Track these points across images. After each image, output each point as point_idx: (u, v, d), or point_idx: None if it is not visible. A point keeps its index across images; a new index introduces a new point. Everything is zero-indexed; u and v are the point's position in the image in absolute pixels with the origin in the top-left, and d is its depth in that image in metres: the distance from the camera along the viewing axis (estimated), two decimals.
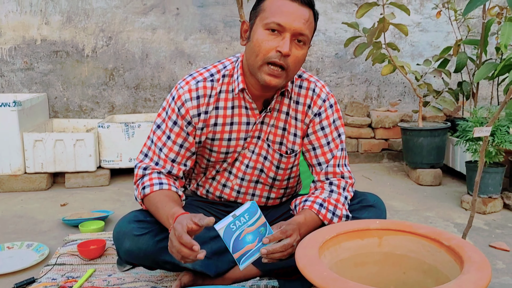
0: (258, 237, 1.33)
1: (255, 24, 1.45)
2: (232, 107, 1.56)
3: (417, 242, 1.34)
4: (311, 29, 1.45)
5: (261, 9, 1.44)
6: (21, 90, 3.46)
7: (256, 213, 1.34)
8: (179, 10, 3.55)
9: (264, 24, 1.40)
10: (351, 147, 3.68)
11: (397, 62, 3.13)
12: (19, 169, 2.90)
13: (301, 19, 1.39)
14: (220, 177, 1.70)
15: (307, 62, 3.73)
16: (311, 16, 1.44)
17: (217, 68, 1.58)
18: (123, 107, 3.59)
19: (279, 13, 1.39)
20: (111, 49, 3.52)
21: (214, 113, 1.55)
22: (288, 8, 1.39)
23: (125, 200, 2.74)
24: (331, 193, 1.60)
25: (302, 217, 1.51)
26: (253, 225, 1.33)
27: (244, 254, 1.32)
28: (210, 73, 1.56)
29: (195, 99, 1.53)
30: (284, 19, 1.38)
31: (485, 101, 3.81)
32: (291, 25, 1.38)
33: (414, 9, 3.72)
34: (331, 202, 1.56)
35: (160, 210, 1.45)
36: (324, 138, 1.61)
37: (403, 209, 2.62)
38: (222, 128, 1.57)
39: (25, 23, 3.40)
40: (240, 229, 1.32)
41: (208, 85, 1.54)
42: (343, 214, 1.56)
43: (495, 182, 2.54)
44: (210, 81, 1.55)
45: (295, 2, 1.40)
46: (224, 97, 1.56)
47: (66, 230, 2.25)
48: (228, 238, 1.30)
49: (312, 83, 1.61)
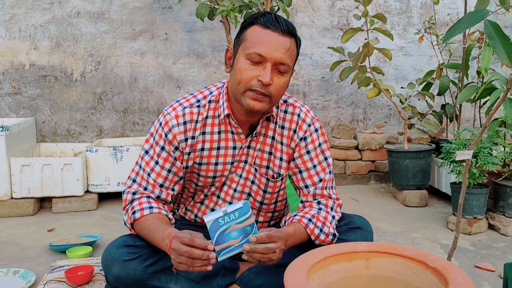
0: (243, 234, 1.34)
1: (238, 53, 1.48)
2: (218, 132, 1.59)
3: (404, 264, 1.36)
4: (293, 57, 1.48)
5: (243, 38, 1.47)
6: (8, 114, 3.45)
7: (247, 213, 1.34)
8: (168, 35, 3.60)
9: (246, 54, 1.44)
10: (339, 169, 3.71)
11: (382, 85, 3.20)
12: (6, 194, 2.88)
13: (282, 49, 1.42)
14: (208, 201, 1.71)
15: (294, 86, 3.79)
16: (292, 44, 1.46)
17: (203, 94, 1.61)
18: (111, 131, 3.60)
19: (260, 43, 1.42)
20: (99, 73, 3.54)
21: (201, 138, 1.58)
22: (269, 38, 1.42)
23: (113, 224, 2.72)
24: (319, 210, 1.62)
25: (291, 229, 1.52)
26: (241, 223, 1.34)
27: (226, 248, 1.32)
28: (197, 99, 1.59)
29: (182, 124, 1.55)
30: (265, 49, 1.41)
31: (468, 123, 3.89)
32: (271, 55, 1.41)
33: (397, 34, 3.82)
34: (319, 219, 1.58)
35: (153, 232, 1.45)
36: (310, 162, 1.64)
37: (390, 230, 2.65)
38: (209, 153, 1.60)
39: (14, 48, 3.42)
40: (227, 224, 1.33)
41: (195, 111, 1.57)
42: (330, 232, 1.58)
43: (480, 203, 2.59)
44: (197, 106, 1.58)
45: (276, 32, 1.42)
46: (211, 122, 1.58)
47: (53, 256, 2.23)
48: (213, 231, 1.31)
49: (297, 108, 1.64)
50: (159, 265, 1.51)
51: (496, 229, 2.62)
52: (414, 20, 3.87)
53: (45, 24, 3.43)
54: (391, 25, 3.84)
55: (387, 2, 3.82)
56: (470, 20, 0.94)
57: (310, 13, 3.75)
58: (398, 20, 3.85)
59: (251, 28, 1.47)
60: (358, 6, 3.74)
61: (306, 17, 3.75)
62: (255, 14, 1.50)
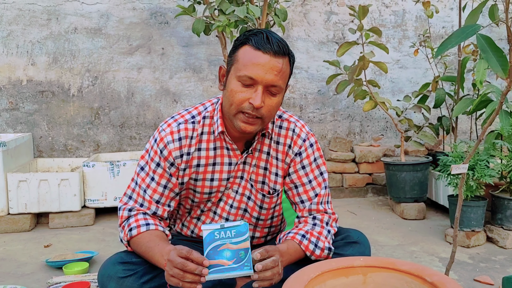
0: (236, 258, 1.31)
1: (230, 73, 1.47)
2: (214, 148, 1.59)
3: (401, 278, 1.36)
4: (285, 77, 1.47)
5: (235, 59, 1.46)
6: (5, 130, 3.45)
7: (244, 235, 1.33)
8: (164, 50, 3.62)
9: (237, 76, 1.42)
10: (336, 182, 3.71)
11: (378, 98, 3.21)
12: (2, 210, 2.87)
13: (273, 71, 1.41)
14: (205, 217, 1.71)
15: (291, 99, 3.81)
16: (285, 64, 1.45)
17: (198, 110, 1.61)
18: (108, 145, 3.60)
19: (251, 66, 1.40)
20: (96, 88, 3.55)
21: (197, 154, 1.58)
22: (260, 60, 1.40)
23: (110, 240, 2.71)
24: (314, 226, 1.61)
25: (284, 246, 1.51)
26: (236, 244, 1.32)
27: (216, 266, 1.29)
28: (191, 115, 1.59)
29: (177, 140, 1.55)
30: (256, 72, 1.40)
31: (465, 135, 3.91)
32: (263, 78, 1.40)
33: (393, 47, 3.85)
34: (313, 234, 1.57)
35: (152, 249, 1.44)
36: (305, 177, 1.63)
37: (388, 243, 2.64)
38: (205, 169, 1.60)
39: (11, 64, 3.43)
40: (222, 240, 1.32)
41: (190, 127, 1.57)
42: (325, 246, 1.57)
43: (478, 216, 2.58)
44: (192, 122, 1.58)
45: (267, 54, 1.40)
46: (206, 139, 1.58)
47: (49, 272, 2.21)
48: (208, 243, 1.31)
49: (292, 123, 1.63)
50: (155, 282, 1.50)
51: (494, 242, 2.61)
52: (409, 33, 3.91)
53: (43, 40, 3.45)
54: (387, 38, 3.87)
55: (382, 16, 3.86)
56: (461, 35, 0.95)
57: (305, 27, 3.79)
58: (393, 33, 3.89)
59: (242, 48, 1.45)
60: (353, 20, 3.77)
61: (301, 31, 3.78)
62: (247, 33, 1.49)
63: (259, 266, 1.30)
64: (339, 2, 3.80)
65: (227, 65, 1.51)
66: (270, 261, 1.33)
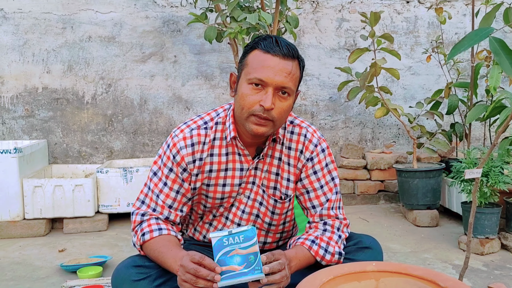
0: (246, 263, 1.32)
1: (240, 78, 1.49)
2: (226, 154, 1.60)
3: (414, 284, 1.35)
4: (295, 79, 1.47)
5: (245, 63, 1.48)
6: (21, 136, 3.51)
7: (252, 240, 1.34)
8: (177, 57, 3.66)
9: (247, 79, 1.44)
10: (347, 189, 3.70)
11: (390, 105, 3.21)
12: (18, 215, 2.91)
13: (283, 73, 1.42)
14: (217, 222, 1.71)
15: (302, 106, 3.81)
16: (294, 67, 1.46)
17: (211, 116, 1.63)
18: (121, 152, 3.64)
19: (261, 69, 1.42)
20: (110, 96, 3.60)
21: (209, 160, 1.59)
22: (269, 63, 1.42)
23: (123, 245, 2.73)
24: (324, 231, 1.61)
25: (292, 251, 1.52)
26: (245, 249, 1.33)
27: (227, 272, 1.30)
28: (204, 121, 1.61)
29: (190, 146, 1.57)
30: (266, 74, 1.41)
31: (479, 142, 3.87)
32: (272, 80, 1.42)
33: (405, 53, 3.85)
34: (323, 239, 1.57)
35: (165, 254, 1.45)
36: (317, 182, 1.63)
37: (400, 250, 2.62)
38: (217, 174, 1.61)
39: (27, 72, 3.49)
40: (231, 246, 1.32)
41: (202, 133, 1.59)
42: (335, 251, 1.57)
43: (492, 223, 2.56)
44: (204, 128, 1.59)
45: (276, 56, 1.42)
46: (218, 144, 1.60)
47: (64, 276, 2.24)
48: (217, 250, 1.31)
49: (303, 128, 1.64)
50: (168, 286, 1.51)
51: (509, 249, 2.58)
52: (421, 39, 3.90)
53: (58, 49, 3.51)
54: (398, 45, 3.87)
55: (394, 22, 3.86)
56: (474, 38, 0.95)
57: (317, 34, 3.80)
58: (405, 40, 3.88)
59: (252, 53, 1.47)
60: (364, 26, 3.78)
61: (313, 38, 3.79)
62: (256, 38, 1.51)
63: (266, 269, 1.31)
64: (351, 9, 3.81)
65: (237, 71, 1.53)
66: (277, 264, 1.34)
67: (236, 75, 1.54)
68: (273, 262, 1.34)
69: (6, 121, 3.49)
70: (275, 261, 1.35)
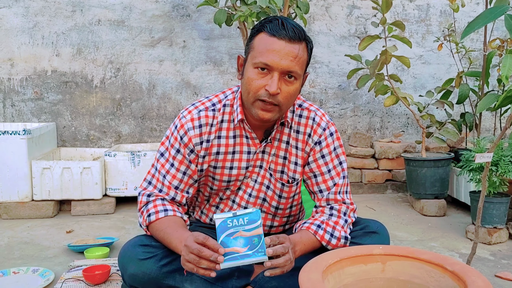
0: (249, 245, 1.31)
1: (247, 61, 1.48)
2: (234, 136, 1.59)
3: (421, 267, 1.35)
4: (302, 63, 1.45)
5: (251, 46, 1.46)
6: (30, 119, 3.53)
7: (256, 222, 1.33)
8: (186, 42, 3.65)
9: (253, 63, 1.43)
10: (355, 178, 3.69)
11: (399, 93, 3.18)
12: (27, 196, 2.93)
13: (289, 57, 1.40)
14: (223, 205, 1.71)
15: (311, 94, 3.79)
16: (301, 50, 1.43)
17: (219, 98, 1.62)
18: (129, 136, 3.64)
19: (266, 53, 1.40)
20: (119, 80, 3.60)
21: (216, 142, 1.59)
22: (275, 46, 1.40)
23: (130, 227, 2.75)
24: (330, 216, 1.61)
25: (298, 236, 1.51)
26: (249, 231, 1.32)
27: (230, 253, 1.29)
28: (212, 103, 1.60)
29: (197, 127, 1.56)
30: (271, 58, 1.39)
31: (488, 132, 3.84)
32: (278, 64, 1.40)
33: (416, 42, 3.80)
34: (329, 224, 1.57)
35: (170, 235, 1.45)
36: (324, 166, 1.62)
37: (407, 239, 2.62)
38: (224, 157, 1.60)
39: (37, 54, 3.50)
40: (235, 228, 1.32)
41: (210, 114, 1.58)
42: (341, 235, 1.56)
43: (500, 213, 2.54)
44: (212, 110, 1.59)
45: (283, 40, 1.40)
46: (226, 127, 1.59)
47: (71, 256, 2.26)
48: (221, 231, 1.31)
49: (312, 112, 1.62)
50: (174, 265, 1.52)
51: None
52: (433, 28, 3.85)
53: (67, 32, 3.51)
54: (410, 33, 3.82)
55: (406, 10, 3.82)
56: (489, 15, 0.93)
57: (327, 21, 3.77)
58: (417, 28, 3.84)
59: (258, 36, 1.45)
60: (376, 14, 3.74)
61: (323, 25, 3.76)
62: (262, 20, 1.49)
63: (269, 251, 1.30)
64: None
65: (244, 54, 1.52)
66: (280, 247, 1.33)
67: (243, 58, 1.52)
68: (277, 246, 1.33)
69: (16, 104, 3.51)
70: (279, 244, 1.35)
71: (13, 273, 1.98)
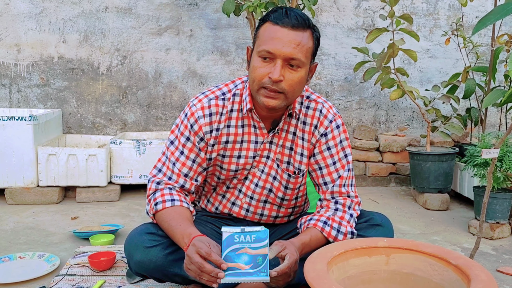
0: (253, 263, 1.32)
1: (253, 51, 1.50)
2: (242, 126, 1.61)
3: (424, 260, 1.36)
4: (306, 51, 1.45)
5: (257, 36, 1.48)
6: (36, 105, 3.54)
7: (263, 241, 1.34)
8: (193, 31, 3.64)
9: (258, 52, 1.45)
10: (359, 170, 3.70)
11: (406, 87, 3.17)
12: (32, 182, 2.95)
13: (292, 44, 1.41)
14: (230, 195, 1.73)
15: (317, 86, 3.79)
16: (305, 37, 1.44)
17: (228, 87, 1.63)
18: (135, 124, 3.65)
19: (270, 40, 1.42)
20: (125, 68, 3.60)
21: (226, 131, 1.60)
22: (278, 34, 1.41)
23: (135, 215, 2.77)
24: (336, 211, 1.62)
25: (307, 237, 1.53)
26: (254, 249, 1.33)
27: (233, 269, 1.31)
28: (222, 92, 1.62)
29: (207, 116, 1.58)
30: (273, 46, 1.41)
31: (494, 128, 3.83)
32: (280, 52, 1.41)
33: (423, 35, 3.79)
34: (335, 219, 1.58)
35: (174, 228, 1.47)
36: (330, 158, 1.63)
37: (410, 232, 2.63)
38: (233, 146, 1.62)
39: (44, 41, 3.50)
40: (241, 244, 1.33)
41: (220, 103, 1.60)
42: (348, 231, 1.58)
43: (503, 208, 2.55)
44: (222, 99, 1.60)
45: (286, 28, 1.41)
46: (235, 116, 1.60)
47: (76, 242, 2.28)
48: (226, 245, 1.33)
49: (319, 103, 1.63)
50: (179, 254, 1.54)
51: None
52: (441, 22, 3.83)
53: (74, 18, 3.51)
54: (417, 26, 3.80)
55: (414, 4, 3.80)
56: (501, 12, 0.93)
57: (335, 13, 3.75)
58: (425, 22, 3.82)
59: (263, 26, 1.47)
60: (384, 6, 3.72)
61: (331, 16, 3.75)
62: (269, 11, 1.51)
63: (273, 273, 1.32)
64: None
65: (252, 45, 1.53)
66: (286, 268, 1.35)
67: (251, 49, 1.54)
68: (284, 267, 1.35)
69: (22, 89, 3.52)
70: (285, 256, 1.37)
71: (19, 258, 2.00)
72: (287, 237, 1.78)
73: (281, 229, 1.80)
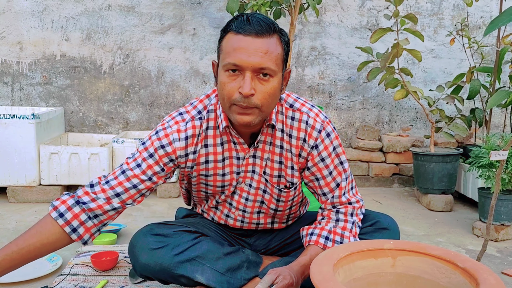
0: None
1: (219, 65, 1.39)
2: (221, 144, 1.53)
3: (431, 263, 1.34)
4: (275, 58, 1.34)
5: (220, 49, 1.37)
6: (39, 103, 3.53)
7: None
8: (196, 30, 3.62)
9: (223, 66, 1.33)
10: (362, 171, 3.68)
11: (410, 87, 3.16)
12: (34, 180, 2.94)
13: (258, 53, 1.30)
14: (222, 207, 1.69)
15: (320, 85, 3.77)
16: (272, 43, 1.33)
17: (203, 104, 1.54)
18: (137, 123, 3.64)
19: (234, 52, 1.30)
20: (128, 66, 3.59)
21: (204, 151, 1.52)
22: (242, 44, 1.30)
23: (137, 215, 2.76)
24: (337, 222, 1.58)
25: (307, 258, 1.50)
26: None
27: None
28: (198, 111, 1.53)
29: (183, 140, 1.49)
30: (239, 58, 1.30)
31: (498, 129, 3.81)
32: (248, 63, 1.30)
33: (428, 35, 3.77)
34: (337, 232, 1.55)
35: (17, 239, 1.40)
36: (325, 169, 1.56)
37: (413, 233, 2.61)
38: (215, 165, 1.55)
39: (46, 39, 3.49)
40: None
41: (197, 124, 1.51)
42: (350, 241, 1.55)
43: (508, 210, 2.53)
44: (198, 119, 1.51)
45: (249, 36, 1.30)
46: (212, 134, 1.52)
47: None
48: None
49: (304, 114, 1.52)
50: (186, 255, 1.52)
51: None
52: (445, 22, 3.81)
53: (77, 16, 3.49)
54: (422, 26, 3.78)
55: (419, 3, 3.78)
56: None
57: (339, 12, 3.73)
58: (429, 22, 3.80)
59: (226, 36, 1.36)
60: (388, 6, 3.70)
61: (334, 16, 3.73)
62: (229, 20, 1.39)
63: None
64: None
65: (217, 59, 1.42)
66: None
67: (216, 63, 1.42)
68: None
69: (24, 87, 3.51)
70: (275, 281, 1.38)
71: None
72: (289, 241, 1.77)
73: (282, 234, 1.78)
